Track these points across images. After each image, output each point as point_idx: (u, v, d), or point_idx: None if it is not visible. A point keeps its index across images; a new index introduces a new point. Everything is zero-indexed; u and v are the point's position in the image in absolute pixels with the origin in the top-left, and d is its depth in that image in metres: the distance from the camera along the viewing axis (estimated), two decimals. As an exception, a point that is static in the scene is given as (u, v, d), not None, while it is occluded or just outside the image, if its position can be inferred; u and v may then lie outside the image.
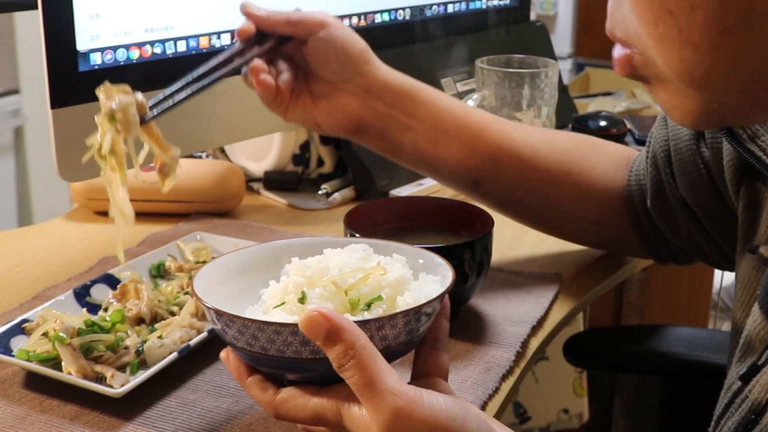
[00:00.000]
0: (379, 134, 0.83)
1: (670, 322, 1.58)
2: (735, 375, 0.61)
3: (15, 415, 0.67)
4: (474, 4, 1.33)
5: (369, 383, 0.50)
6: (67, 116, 0.85)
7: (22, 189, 2.44)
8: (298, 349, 0.54)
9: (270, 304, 0.59)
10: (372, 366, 0.51)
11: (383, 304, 0.58)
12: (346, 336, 0.51)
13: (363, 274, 0.58)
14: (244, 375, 0.58)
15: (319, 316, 0.51)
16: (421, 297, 0.58)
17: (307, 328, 0.51)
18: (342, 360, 0.51)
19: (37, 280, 0.89)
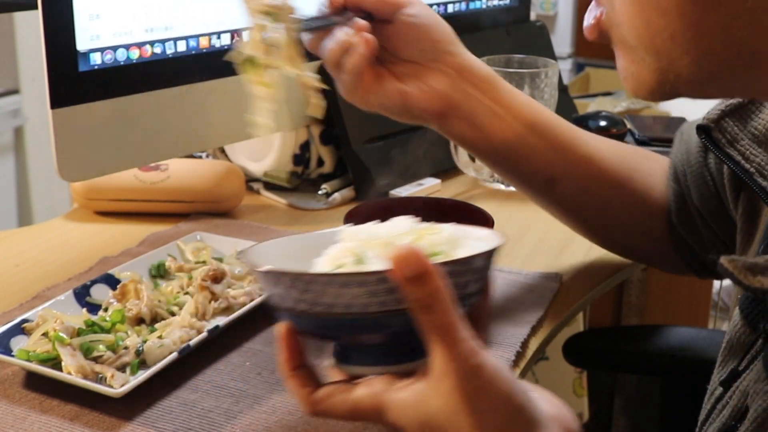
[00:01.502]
0: (467, 118, 0.78)
1: (670, 322, 1.58)
2: (717, 380, 0.61)
3: (15, 415, 0.67)
4: (474, 4, 1.33)
5: (452, 326, 0.49)
6: (67, 116, 0.85)
7: (22, 189, 2.44)
8: (367, 302, 0.51)
9: (325, 269, 0.57)
10: (453, 312, 0.50)
11: (442, 257, 0.56)
12: (436, 276, 0.49)
13: (417, 233, 0.57)
14: (291, 364, 0.56)
15: (412, 251, 0.49)
16: (478, 249, 0.56)
17: (399, 262, 0.49)
18: (427, 300, 0.49)
19: (37, 280, 0.89)
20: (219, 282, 0.82)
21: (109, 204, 1.07)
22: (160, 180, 1.06)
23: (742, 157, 0.64)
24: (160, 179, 1.06)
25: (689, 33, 0.47)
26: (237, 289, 0.82)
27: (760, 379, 0.54)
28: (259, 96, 0.66)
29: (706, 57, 0.48)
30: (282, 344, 0.56)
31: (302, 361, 0.56)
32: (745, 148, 0.64)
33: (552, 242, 1.01)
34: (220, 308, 0.80)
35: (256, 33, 0.66)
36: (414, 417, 0.51)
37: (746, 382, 0.57)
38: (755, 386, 0.55)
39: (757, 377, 0.55)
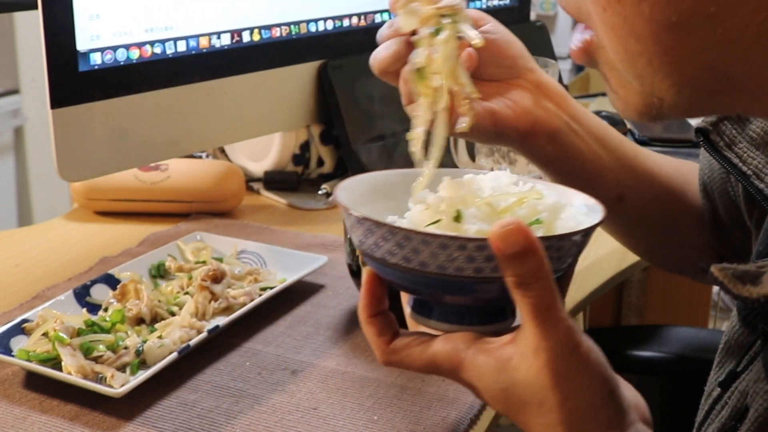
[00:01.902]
0: (550, 136, 0.75)
1: (670, 322, 1.58)
2: (714, 381, 0.61)
3: (15, 415, 0.67)
4: (474, 4, 1.33)
5: (550, 306, 0.49)
6: (67, 116, 0.85)
7: (22, 189, 2.44)
8: (461, 265, 0.51)
9: (420, 220, 0.56)
10: (554, 290, 0.49)
11: (542, 227, 0.55)
12: (539, 254, 0.49)
13: (518, 197, 0.56)
14: (370, 311, 0.55)
15: (518, 228, 0.48)
16: (577, 225, 0.55)
17: (503, 238, 0.48)
18: (528, 279, 0.49)
19: (37, 280, 0.89)
20: (219, 282, 0.82)
21: (109, 204, 1.07)
22: (160, 180, 1.06)
23: (739, 159, 0.64)
24: (160, 179, 1.06)
25: (665, 58, 0.47)
26: (237, 289, 0.82)
27: (759, 379, 0.54)
28: (423, 106, 0.64)
29: (685, 82, 0.48)
30: (365, 289, 0.56)
31: (382, 308, 0.56)
32: (743, 151, 0.64)
33: (552, 242, 1.01)
34: (220, 308, 0.80)
35: (426, 41, 0.64)
36: (494, 382, 0.51)
37: (745, 383, 0.57)
38: (755, 386, 0.55)
39: (757, 377, 0.55)
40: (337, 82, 1.11)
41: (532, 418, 0.51)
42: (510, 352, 0.51)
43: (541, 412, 0.50)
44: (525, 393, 0.50)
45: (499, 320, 0.54)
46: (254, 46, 1.02)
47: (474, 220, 0.54)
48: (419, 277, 0.52)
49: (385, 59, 0.71)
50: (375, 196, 0.60)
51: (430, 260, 0.51)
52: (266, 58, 1.04)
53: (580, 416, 0.50)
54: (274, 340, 0.78)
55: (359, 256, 0.55)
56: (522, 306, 0.50)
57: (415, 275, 0.52)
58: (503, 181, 0.58)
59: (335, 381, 0.72)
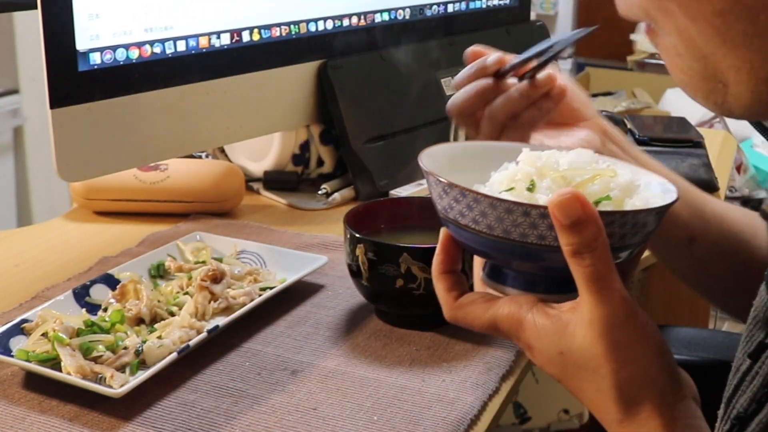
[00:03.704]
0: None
1: (670, 322, 1.58)
2: (743, 355, 0.61)
3: (14, 416, 0.67)
4: (474, 4, 1.33)
5: (604, 276, 0.51)
6: (66, 116, 0.85)
7: (22, 189, 2.44)
8: (525, 232, 0.53)
9: (497, 188, 0.58)
10: (609, 261, 0.51)
11: (611, 204, 0.56)
12: (595, 225, 0.50)
13: (593, 173, 0.57)
14: (443, 267, 0.58)
15: (575, 198, 0.50)
16: (648, 203, 0.56)
17: (561, 207, 0.50)
18: (583, 248, 0.50)
19: (37, 281, 0.89)
20: (218, 282, 0.82)
21: (109, 204, 1.07)
22: (160, 180, 1.06)
23: None
24: (159, 179, 1.06)
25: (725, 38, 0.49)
26: (237, 289, 0.82)
27: None
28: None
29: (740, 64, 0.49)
30: (441, 246, 0.59)
31: (454, 267, 0.59)
32: None
33: (552, 242, 1.01)
34: (219, 308, 0.80)
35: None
36: (551, 344, 0.53)
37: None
38: None
39: None
40: (337, 82, 1.11)
41: (587, 383, 0.53)
42: (568, 318, 0.53)
43: (595, 378, 0.52)
44: (581, 359, 0.52)
45: (565, 291, 0.55)
46: (254, 45, 1.02)
47: (547, 191, 0.56)
48: (487, 240, 0.54)
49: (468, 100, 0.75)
50: (462, 166, 0.63)
51: (496, 224, 0.53)
52: (266, 58, 1.04)
53: (636, 384, 0.52)
54: (274, 341, 0.78)
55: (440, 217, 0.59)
56: (577, 275, 0.52)
57: (483, 238, 0.54)
58: (584, 157, 0.60)
59: (335, 381, 0.72)
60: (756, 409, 0.56)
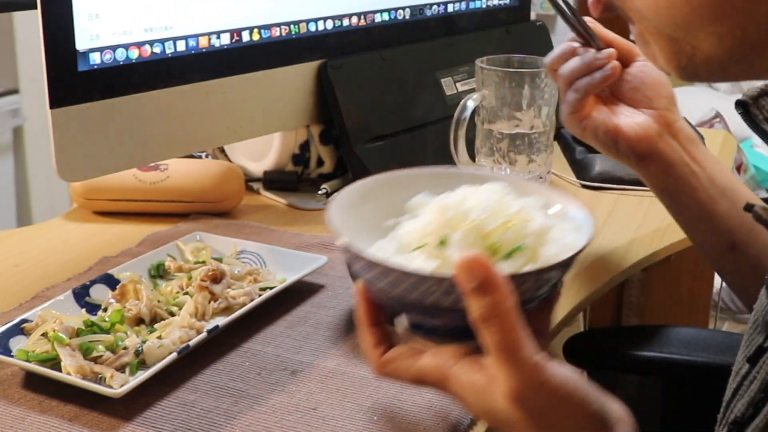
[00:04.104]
0: (665, 167, 0.83)
1: (670, 322, 1.58)
2: (742, 359, 0.61)
3: (14, 416, 0.67)
4: (474, 4, 1.33)
5: (510, 346, 0.49)
6: (66, 116, 0.85)
7: (22, 189, 2.44)
8: (439, 298, 0.52)
9: (407, 243, 0.57)
10: (516, 329, 0.49)
11: (524, 254, 0.55)
12: (500, 291, 0.49)
13: (505, 219, 0.56)
14: (367, 321, 0.58)
15: (478, 262, 0.49)
16: (562, 249, 0.55)
17: (463, 270, 0.49)
18: (487, 315, 0.49)
19: (37, 281, 0.89)
20: (218, 282, 0.82)
21: (109, 204, 1.07)
22: (160, 180, 1.06)
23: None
24: (159, 179, 1.06)
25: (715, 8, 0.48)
26: (236, 289, 0.82)
27: None
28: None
29: (729, 32, 0.49)
30: (360, 300, 0.58)
31: (378, 319, 0.58)
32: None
33: (552, 242, 1.01)
34: (219, 308, 0.80)
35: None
36: (479, 401, 0.52)
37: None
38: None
39: None
40: (336, 82, 1.11)
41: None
42: (491, 377, 0.51)
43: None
44: (506, 420, 0.52)
45: None
46: (254, 45, 1.02)
47: (459, 245, 0.55)
48: (402, 302, 0.54)
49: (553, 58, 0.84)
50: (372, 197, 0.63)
51: (410, 291, 0.53)
52: (266, 58, 1.04)
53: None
54: (274, 341, 0.78)
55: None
56: (485, 342, 0.50)
57: (399, 301, 0.54)
58: (495, 195, 0.58)
59: (335, 381, 0.72)
60: (753, 414, 0.56)
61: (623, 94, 0.83)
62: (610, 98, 0.84)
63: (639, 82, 0.82)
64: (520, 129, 1.15)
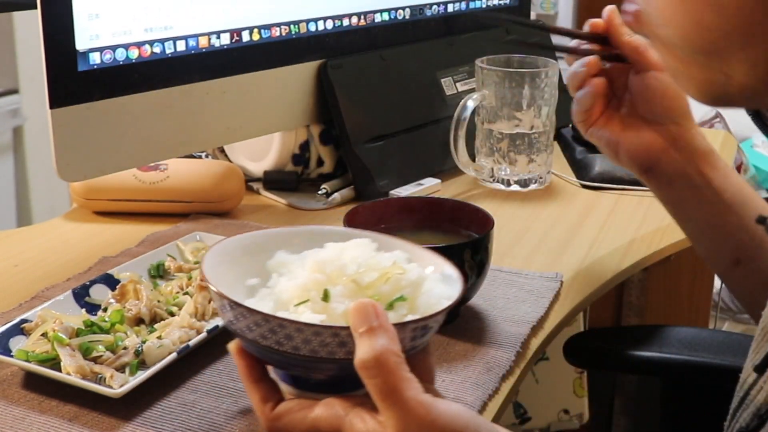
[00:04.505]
0: (667, 181, 0.83)
1: (670, 322, 1.58)
2: (750, 367, 0.61)
3: (14, 416, 0.67)
4: (474, 4, 1.33)
5: (394, 389, 0.50)
6: (66, 116, 0.85)
7: (21, 189, 2.44)
8: (334, 350, 0.53)
9: (287, 299, 0.58)
10: (399, 372, 0.50)
11: (406, 304, 0.57)
12: (388, 334, 0.51)
13: (380, 273, 0.58)
14: (252, 377, 0.57)
15: (373, 307, 0.51)
16: (438, 299, 0.58)
17: (358, 313, 0.51)
18: (371, 361, 0.50)
19: (36, 281, 0.89)
20: (218, 282, 0.82)
21: (109, 204, 1.07)
22: (160, 180, 1.06)
23: None
24: (159, 179, 1.06)
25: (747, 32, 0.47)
26: (236, 290, 0.82)
27: None
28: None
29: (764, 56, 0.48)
30: (241, 357, 0.57)
31: (263, 374, 0.57)
32: None
33: (552, 242, 1.01)
34: (219, 308, 0.80)
35: None
36: None
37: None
38: None
39: None
40: (336, 82, 1.11)
41: None
42: (382, 421, 0.51)
43: None
44: None
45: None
46: (254, 45, 1.02)
47: (341, 299, 0.56)
48: (290, 359, 0.55)
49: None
50: (230, 260, 0.63)
51: (303, 345, 0.53)
52: (266, 58, 1.04)
53: None
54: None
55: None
56: (370, 388, 0.51)
57: (286, 357, 0.54)
58: (366, 250, 0.60)
59: (335, 381, 0.72)
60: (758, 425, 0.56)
61: (635, 105, 0.82)
62: (625, 106, 0.83)
63: (651, 94, 0.81)
64: (520, 129, 1.15)
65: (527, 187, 1.17)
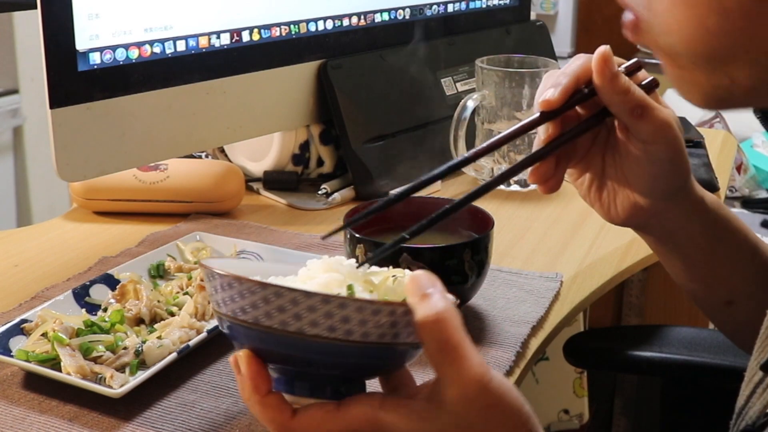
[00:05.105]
0: (655, 239, 0.74)
1: (670, 322, 1.58)
2: (756, 366, 0.60)
3: (14, 416, 0.67)
4: (474, 4, 1.33)
5: (459, 345, 0.50)
6: (66, 116, 0.85)
7: (21, 189, 2.44)
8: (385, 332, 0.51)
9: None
10: (463, 330, 0.50)
11: None
12: (444, 299, 0.50)
13: (383, 275, 0.58)
14: (264, 390, 0.53)
15: (427, 276, 0.51)
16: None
17: (415, 281, 0.51)
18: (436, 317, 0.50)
19: (36, 281, 0.89)
20: (218, 282, 0.82)
21: (109, 204, 1.07)
22: (160, 180, 1.06)
23: None
24: (159, 179, 1.06)
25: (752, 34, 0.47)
26: (236, 290, 0.82)
27: None
28: None
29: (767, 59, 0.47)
30: (252, 368, 0.53)
31: (271, 386, 0.54)
32: None
33: (552, 242, 1.01)
34: (219, 308, 0.80)
35: None
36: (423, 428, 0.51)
37: None
38: None
39: None
40: (336, 82, 1.11)
41: None
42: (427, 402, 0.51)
43: None
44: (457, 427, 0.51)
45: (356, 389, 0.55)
46: (254, 45, 1.02)
47: (364, 295, 0.56)
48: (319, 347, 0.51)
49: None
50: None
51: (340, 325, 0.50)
52: (266, 58, 1.04)
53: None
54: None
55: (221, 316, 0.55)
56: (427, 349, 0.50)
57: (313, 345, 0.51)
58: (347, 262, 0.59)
59: (335, 381, 0.72)
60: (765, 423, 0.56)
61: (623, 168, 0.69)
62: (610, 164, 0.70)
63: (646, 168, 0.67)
64: (520, 129, 1.15)
65: (527, 187, 1.17)
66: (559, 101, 0.64)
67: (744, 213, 2.09)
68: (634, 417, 1.52)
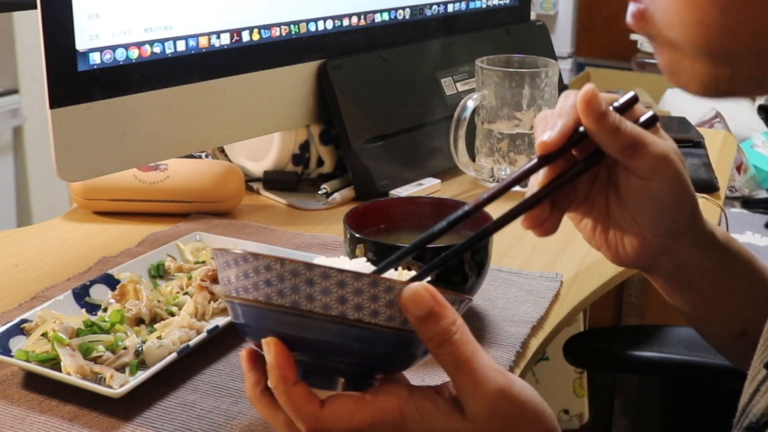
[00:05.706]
0: (662, 279, 0.73)
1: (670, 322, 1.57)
2: (759, 364, 0.60)
3: (14, 416, 0.67)
4: (474, 4, 1.33)
5: (471, 358, 0.50)
6: (66, 116, 0.85)
7: (21, 189, 2.44)
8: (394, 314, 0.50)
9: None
10: (473, 341, 0.51)
11: None
12: (448, 313, 0.50)
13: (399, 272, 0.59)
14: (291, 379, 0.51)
15: (425, 291, 0.50)
16: None
17: (411, 302, 0.49)
18: (444, 336, 0.50)
19: (36, 281, 0.89)
20: (218, 282, 0.82)
21: (109, 204, 1.07)
22: (160, 180, 1.06)
23: None
24: (159, 179, 1.06)
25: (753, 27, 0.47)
26: (236, 290, 0.82)
27: None
28: None
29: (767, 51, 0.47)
30: (276, 359, 0.51)
31: (298, 375, 0.52)
32: None
33: (552, 242, 1.01)
34: (219, 308, 0.80)
35: None
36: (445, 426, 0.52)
37: None
38: None
39: None
40: (336, 82, 1.11)
41: None
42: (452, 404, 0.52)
43: None
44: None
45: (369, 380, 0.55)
46: (254, 45, 1.02)
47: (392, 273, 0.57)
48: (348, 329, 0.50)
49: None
50: None
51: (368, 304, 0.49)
52: (266, 58, 1.04)
53: None
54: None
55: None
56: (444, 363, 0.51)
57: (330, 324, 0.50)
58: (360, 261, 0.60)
59: (335, 381, 0.72)
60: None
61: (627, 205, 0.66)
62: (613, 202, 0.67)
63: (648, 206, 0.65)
64: (520, 129, 1.15)
65: (527, 187, 1.16)
66: (556, 143, 0.62)
67: (744, 213, 2.09)
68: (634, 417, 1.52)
